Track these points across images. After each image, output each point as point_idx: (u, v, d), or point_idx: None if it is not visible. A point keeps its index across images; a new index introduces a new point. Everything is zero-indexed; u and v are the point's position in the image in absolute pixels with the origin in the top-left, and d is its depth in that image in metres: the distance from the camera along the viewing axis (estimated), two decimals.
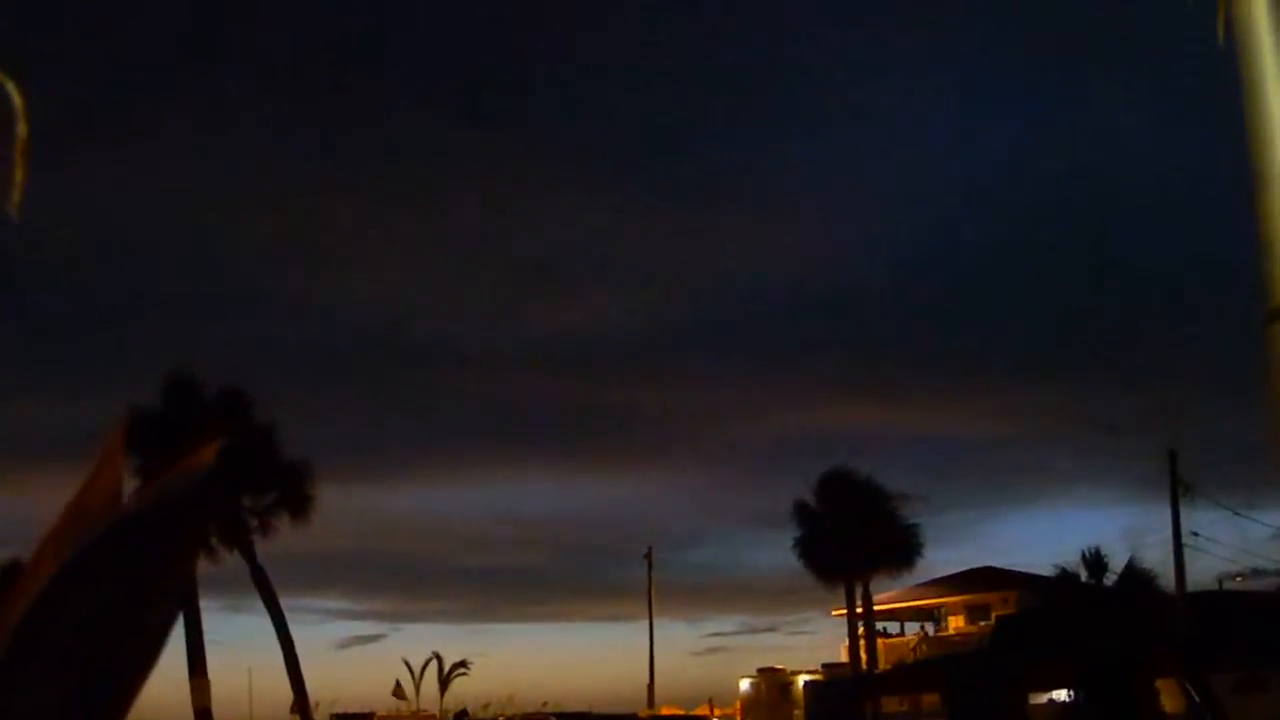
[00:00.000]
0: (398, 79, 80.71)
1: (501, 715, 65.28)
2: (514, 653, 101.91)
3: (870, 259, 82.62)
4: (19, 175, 2.88)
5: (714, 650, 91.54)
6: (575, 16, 75.30)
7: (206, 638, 43.71)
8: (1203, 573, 51.34)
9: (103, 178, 67.49)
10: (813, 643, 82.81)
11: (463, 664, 71.56)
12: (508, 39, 79.18)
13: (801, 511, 51.95)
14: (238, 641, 71.72)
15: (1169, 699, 37.13)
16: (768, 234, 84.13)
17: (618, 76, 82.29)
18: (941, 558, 64.10)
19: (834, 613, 59.83)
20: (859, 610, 52.36)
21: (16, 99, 2.87)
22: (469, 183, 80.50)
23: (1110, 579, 38.50)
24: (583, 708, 59.84)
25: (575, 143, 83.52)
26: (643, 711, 61.54)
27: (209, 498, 2.09)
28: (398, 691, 70.19)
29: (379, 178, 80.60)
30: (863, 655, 52.22)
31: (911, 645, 60.52)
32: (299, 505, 45.19)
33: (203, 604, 44.06)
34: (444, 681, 71.02)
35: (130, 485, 2.31)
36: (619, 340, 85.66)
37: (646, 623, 69.40)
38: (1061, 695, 44.24)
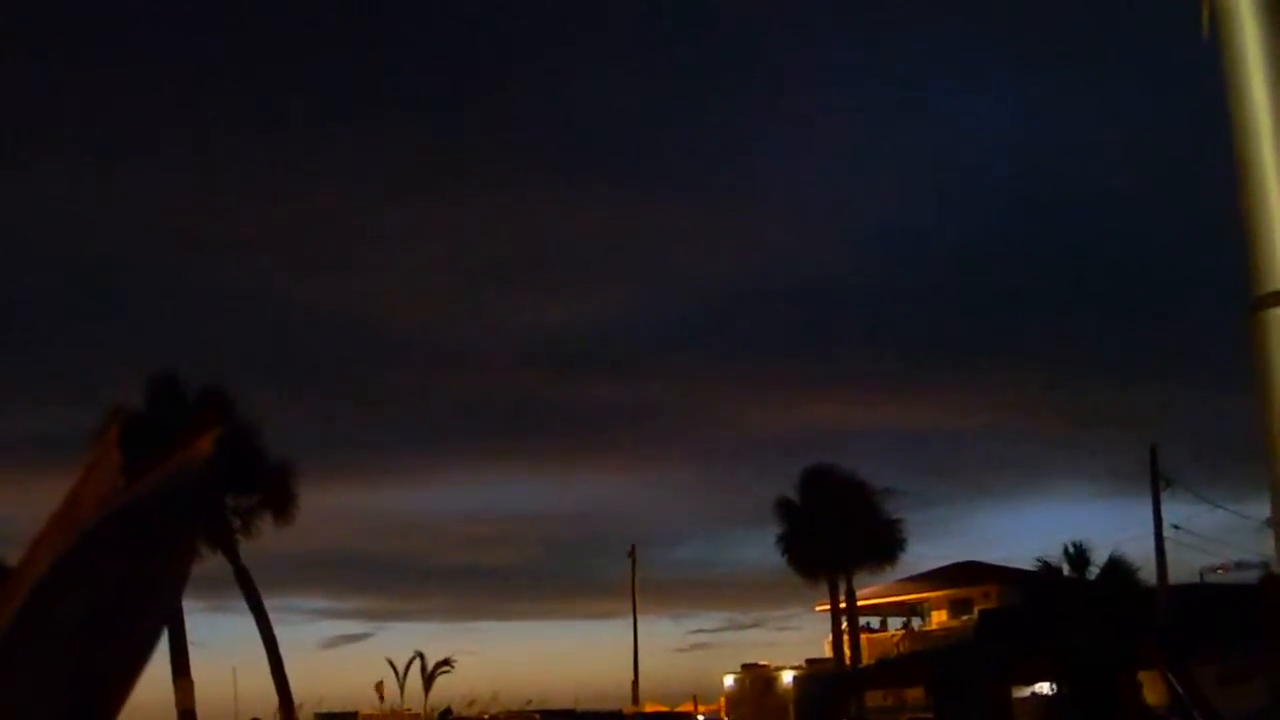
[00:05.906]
0: (373, 75, 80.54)
1: (486, 714, 65.13)
2: (498, 650, 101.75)
3: (851, 254, 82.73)
4: None
5: (698, 647, 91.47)
6: (560, 10, 75.31)
7: (190, 638, 43.68)
8: (1185, 566, 51.59)
9: (73, 180, 67.31)
10: (797, 639, 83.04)
11: (447, 662, 71.45)
12: (483, 33, 79.17)
13: (784, 508, 52.05)
14: (221, 642, 71.23)
15: (1152, 692, 37.29)
16: (748, 229, 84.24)
17: (596, 70, 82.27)
18: (924, 553, 64.11)
19: (818, 608, 59.91)
20: (842, 606, 52.49)
21: None
22: (447, 179, 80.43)
23: (1093, 573, 38.71)
24: (567, 705, 59.77)
25: (556, 138, 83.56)
26: (627, 709, 61.40)
27: (209, 488, 2.08)
28: (379, 689, 70.09)
29: (355, 175, 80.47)
30: (846, 650, 52.35)
31: (895, 640, 60.61)
32: (282, 505, 45.10)
33: (185, 604, 43.87)
34: (428, 680, 70.96)
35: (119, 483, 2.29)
36: (601, 337, 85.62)
37: (630, 620, 69.41)
38: (1044, 689, 44.42)
